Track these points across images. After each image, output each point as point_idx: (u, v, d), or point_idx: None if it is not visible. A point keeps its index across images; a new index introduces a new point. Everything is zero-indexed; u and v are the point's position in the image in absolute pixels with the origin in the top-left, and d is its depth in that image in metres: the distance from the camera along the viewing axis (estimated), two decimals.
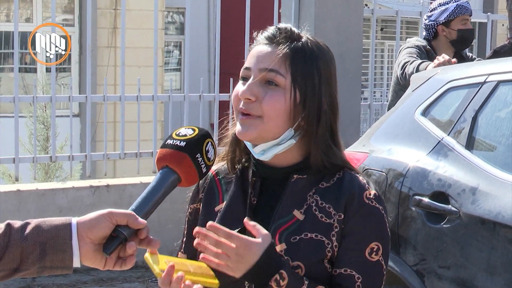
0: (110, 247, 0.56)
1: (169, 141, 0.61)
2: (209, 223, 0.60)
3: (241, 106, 0.65)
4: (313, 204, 0.65)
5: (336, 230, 0.64)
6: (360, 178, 0.67)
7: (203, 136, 0.62)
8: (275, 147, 0.66)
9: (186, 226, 0.72)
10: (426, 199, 1.25)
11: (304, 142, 0.66)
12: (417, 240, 1.26)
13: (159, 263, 0.58)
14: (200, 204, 0.70)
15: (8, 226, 0.57)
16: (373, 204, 0.65)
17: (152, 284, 2.01)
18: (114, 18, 3.97)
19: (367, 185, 0.66)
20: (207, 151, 0.61)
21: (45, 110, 2.79)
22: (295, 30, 0.67)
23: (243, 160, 0.69)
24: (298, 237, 0.64)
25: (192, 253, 0.70)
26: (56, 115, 2.25)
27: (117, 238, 0.57)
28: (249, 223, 0.61)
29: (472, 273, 1.15)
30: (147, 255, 0.59)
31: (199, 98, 2.32)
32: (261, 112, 0.65)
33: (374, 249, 0.64)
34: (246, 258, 0.60)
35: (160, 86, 3.74)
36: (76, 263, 0.57)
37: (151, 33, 2.38)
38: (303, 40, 0.66)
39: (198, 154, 0.60)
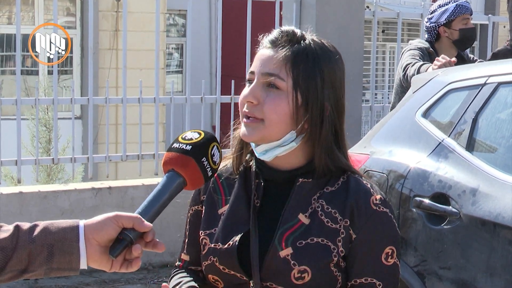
0: (116, 249, 0.57)
1: (175, 145, 0.62)
2: None
3: (244, 109, 0.66)
4: (319, 208, 0.65)
5: (342, 236, 0.64)
6: (364, 182, 0.67)
7: (209, 140, 0.62)
8: (276, 149, 0.66)
9: (187, 227, 0.71)
10: (426, 201, 1.25)
11: (308, 145, 0.66)
12: (418, 241, 1.26)
13: None
14: (201, 206, 0.70)
15: (17, 228, 0.58)
16: (381, 209, 0.65)
17: (154, 286, 2.01)
18: (116, 21, 3.95)
19: (372, 190, 0.66)
20: (213, 155, 0.61)
21: (47, 113, 2.79)
22: (298, 32, 0.66)
23: (248, 160, 0.69)
24: (304, 242, 0.64)
25: (195, 255, 0.70)
26: (58, 118, 2.24)
27: (123, 241, 0.57)
28: None
29: (472, 274, 1.15)
30: None
31: (201, 100, 2.32)
32: (262, 115, 0.65)
33: (389, 253, 0.65)
34: None
35: (161, 88, 3.72)
36: (83, 265, 0.58)
37: (153, 35, 2.38)
38: (306, 42, 0.66)
39: (204, 158, 0.61)
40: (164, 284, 0.61)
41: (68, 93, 3.70)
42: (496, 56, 1.94)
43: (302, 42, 0.66)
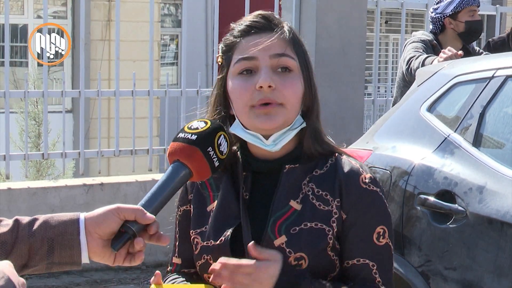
0: (118, 243, 0.56)
1: (181, 135, 0.60)
2: (220, 260, 0.58)
3: (260, 97, 0.63)
4: (309, 192, 0.64)
5: (336, 216, 0.64)
6: (353, 162, 0.66)
7: (215, 129, 0.60)
8: (288, 133, 0.65)
9: (177, 229, 0.70)
10: (431, 198, 1.22)
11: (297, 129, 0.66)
12: (422, 240, 1.23)
13: None
14: (190, 206, 0.68)
15: (16, 222, 0.56)
16: (371, 188, 0.64)
17: (147, 286, 1.96)
18: (108, 10, 3.89)
19: (361, 169, 0.65)
20: (220, 144, 0.60)
21: (37, 106, 2.72)
22: (277, 16, 0.68)
23: (233, 154, 0.67)
24: (298, 228, 0.63)
25: (187, 257, 0.68)
26: (48, 111, 2.20)
27: (125, 234, 0.56)
28: (253, 249, 0.59)
29: (479, 275, 1.13)
30: (153, 287, 0.59)
31: (197, 93, 2.27)
32: (282, 99, 0.64)
33: (381, 233, 0.64)
34: (264, 281, 0.59)
35: (156, 81, 3.66)
36: (85, 259, 0.56)
37: (147, 26, 2.35)
38: (286, 24, 0.67)
39: (210, 147, 0.59)
40: (157, 272, 0.60)
41: (59, 86, 3.63)
42: (491, 44, 1.92)
43: (285, 25, 0.67)
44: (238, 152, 0.67)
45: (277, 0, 2.25)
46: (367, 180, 0.64)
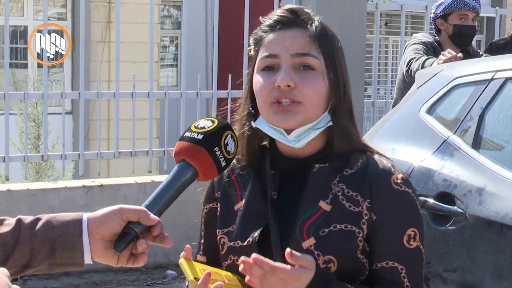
0: (121, 244, 0.55)
1: (187, 134, 0.59)
2: (253, 256, 0.56)
3: (277, 94, 0.62)
4: (339, 193, 0.62)
5: (366, 217, 0.61)
6: (385, 161, 0.64)
7: (222, 129, 0.59)
8: (311, 132, 0.63)
9: (203, 227, 0.68)
10: (431, 200, 1.23)
11: (327, 128, 0.64)
12: None
13: (194, 271, 0.57)
14: (216, 204, 0.67)
15: (19, 221, 0.56)
16: (403, 189, 0.62)
17: None
18: (108, 12, 3.89)
19: (393, 169, 0.63)
20: (226, 144, 0.58)
21: (36, 107, 2.72)
22: (308, 10, 0.66)
23: (258, 154, 0.66)
24: (327, 230, 0.61)
25: (212, 255, 0.67)
26: (48, 113, 2.21)
27: (128, 235, 0.55)
28: (290, 256, 0.57)
29: (479, 277, 1.13)
30: (182, 261, 0.57)
31: (197, 95, 2.27)
32: (302, 98, 0.62)
33: (411, 236, 0.62)
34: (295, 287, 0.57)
35: (156, 82, 3.65)
36: (88, 260, 0.56)
37: (147, 27, 2.33)
38: (316, 20, 0.65)
39: (216, 147, 0.58)
40: (187, 246, 0.58)
41: (58, 87, 3.63)
42: (493, 46, 1.92)
43: (315, 21, 0.65)
44: (265, 150, 0.65)
45: (277, 0, 2.25)
46: (399, 181, 0.62)
